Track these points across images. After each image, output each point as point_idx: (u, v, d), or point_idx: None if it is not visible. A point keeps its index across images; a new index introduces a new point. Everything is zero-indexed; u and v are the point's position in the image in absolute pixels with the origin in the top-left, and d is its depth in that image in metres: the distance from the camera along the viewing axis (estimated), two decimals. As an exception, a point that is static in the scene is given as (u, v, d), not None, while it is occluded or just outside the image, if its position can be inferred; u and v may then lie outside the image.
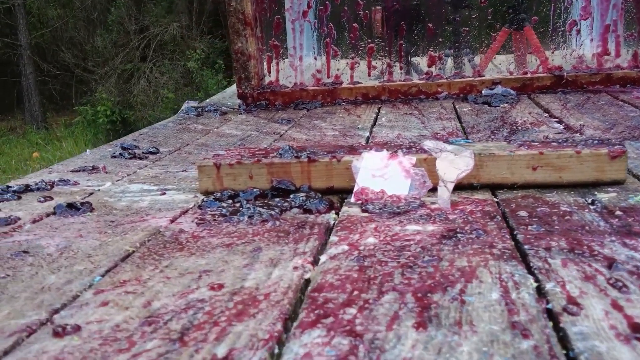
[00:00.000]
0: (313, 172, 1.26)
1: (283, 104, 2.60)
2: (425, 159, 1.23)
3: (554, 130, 1.80)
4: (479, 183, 1.23)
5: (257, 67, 2.59)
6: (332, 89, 2.58)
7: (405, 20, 2.58)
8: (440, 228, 1.01)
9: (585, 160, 1.20)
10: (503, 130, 1.87)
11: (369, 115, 2.29)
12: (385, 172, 1.21)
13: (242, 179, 1.28)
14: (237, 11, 2.52)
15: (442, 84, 2.52)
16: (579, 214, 1.04)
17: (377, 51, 2.63)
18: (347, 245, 0.95)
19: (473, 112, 2.21)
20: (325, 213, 1.14)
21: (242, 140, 1.95)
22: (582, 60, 2.49)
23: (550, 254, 0.87)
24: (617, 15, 2.46)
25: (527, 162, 1.21)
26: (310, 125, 2.15)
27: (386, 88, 2.55)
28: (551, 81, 2.45)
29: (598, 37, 2.49)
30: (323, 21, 2.61)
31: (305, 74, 2.68)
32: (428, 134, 1.89)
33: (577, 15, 2.47)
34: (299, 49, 2.65)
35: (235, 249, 0.97)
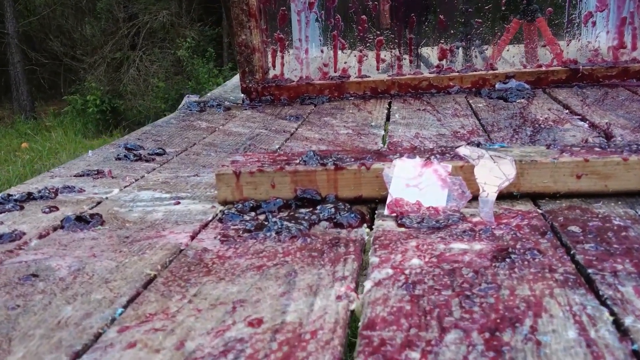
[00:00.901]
0: (340, 180, 1.18)
1: (289, 98, 2.50)
2: (462, 167, 1.14)
3: (580, 129, 1.72)
4: (519, 192, 1.15)
5: (262, 60, 2.48)
6: (340, 83, 2.48)
7: (415, 11, 2.49)
8: (488, 247, 0.93)
9: (633, 168, 1.12)
10: (525, 128, 1.79)
11: (380, 112, 2.21)
12: (419, 181, 1.12)
13: (263, 188, 1.19)
14: (241, 2, 2.41)
15: (453, 78, 2.44)
16: (636, 229, 0.96)
17: (386, 43, 2.53)
18: (390, 269, 0.87)
19: (489, 108, 2.13)
20: (357, 227, 1.05)
21: (252, 140, 1.86)
22: (597, 53, 2.41)
23: (619, 279, 0.79)
24: (634, 6, 2.38)
25: (571, 169, 1.13)
26: (321, 123, 2.06)
27: (396, 82, 2.46)
28: (566, 75, 2.37)
29: (614, 29, 2.41)
30: (330, 13, 2.51)
31: (312, 67, 2.58)
32: (447, 132, 1.81)
33: (593, 6, 2.39)
34: (304, 41, 2.55)
35: (268, 272, 0.88)
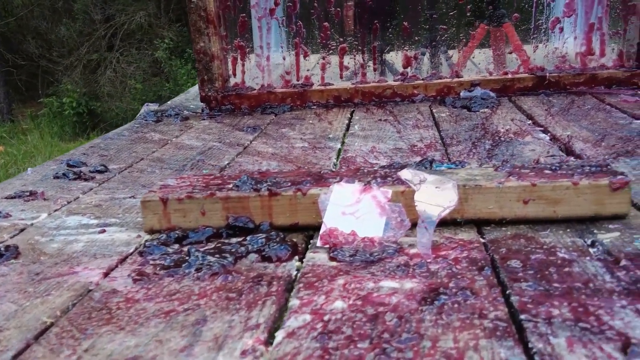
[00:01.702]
0: (275, 207, 1.10)
1: (249, 107, 2.42)
2: (403, 192, 1.07)
3: (541, 142, 1.66)
4: (463, 218, 1.08)
5: (221, 68, 2.40)
6: (302, 92, 2.41)
7: (378, 18, 2.42)
8: (420, 285, 0.86)
9: (584, 193, 1.05)
10: (485, 141, 1.72)
11: (341, 122, 2.13)
12: (357, 208, 1.05)
13: (193, 216, 1.11)
14: (198, 8, 2.33)
15: (418, 86, 2.37)
16: (580, 264, 0.89)
17: (350, 51, 2.46)
18: (309, 314, 0.79)
19: (452, 119, 2.06)
20: (287, 260, 0.98)
21: (202, 155, 1.78)
22: (565, 59, 2.36)
23: (553, 328, 0.72)
24: (602, 12, 2.33)
25: (517, 194, 1.06)
26: (278, 135, 1.98)
27: (359, 90, 2.39)
28: (533, 82, 2.31)
29: (582, 35, 2.35)
30: (292, 19, 2.43)
31: (274, 74, 2.50)
32: (404, 146, 1.74)
33: (561, 12, 2.33)
34: (266, 48, 2.46)
35: (175, 320, 0.80)
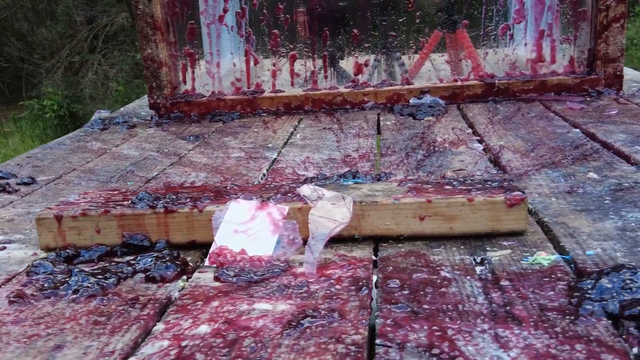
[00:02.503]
0: (171, 224, 1.08)
1: (199, 114, 2.40)
2: (300, 209, 1.06)
3: (473, 152, 1.65)
4: (361, 235, 1.07)
5: (170, 75, 2.38)
6: (252, 99, 2.39)
7: (328, 25, 2.40)
8: (292, 308, 0.84)
9: (479, 209, 1.04)
10: (419, 151, 1.71)
11: (286, 130, 2.12)
12: (250, 226, 1.04)
13: (88, 234, 1.09)
14: (145, 14, 2.31)
15: (368, 93, 2.36)
16: (459, 284, 0.88)
17: (301, 57, 2.44)
18: (168, 340, 0.78)
19: (395, 127, 2.05)
20: (172, 281, 0.96)
21: (135, 165, 1.76)
22: (515, 66, 2.35)
23: (403, 354, 0.71)
24: (552, 18, 2.32)
25: (413, 211, 1.05)
26: (218, 144, 1.97)
27: (309, 97, 2.37)
28: (482, 89, 2.31)
29: (532, 42, 2.34)
30: (242, 26, 2.41)
31: (225, 81, 2.48)
32: (338, 156, 1.72)
33: (511, 18, 2.32)
34: (215, 55, 2.45)
35: (34, 344, 0.79)
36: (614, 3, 2.19)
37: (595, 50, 2.24)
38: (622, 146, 1.55)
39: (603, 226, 1.05)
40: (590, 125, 1.81)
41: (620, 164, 1.42)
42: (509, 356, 0.70)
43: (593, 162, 1.46)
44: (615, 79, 2.26)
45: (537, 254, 0.96)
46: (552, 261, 0.93)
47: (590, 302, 0.79)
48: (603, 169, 1.39)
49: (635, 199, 1.18)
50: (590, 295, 0.80)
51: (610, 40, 2.22)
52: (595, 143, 1.63)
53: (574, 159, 1.49)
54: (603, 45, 2.23)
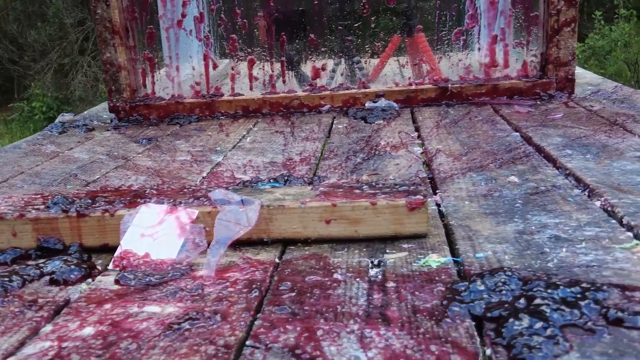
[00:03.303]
0: (84, 228, 1.11)
1: (158, 117, 2.43)
2: (210, 212, 1.09)
3: (410, 156, 1.68)
4: (270, 238, 1.10)
5: (129, 78, 2.41)
6: (210, 102, 2.42)
7: (285, 29, 2.43)
8: (180, 310, 0.87)
9: (382, 213, 1.07)
10: (359, 155, 1.74)
11: (239, 133, 2.14)
12: (157, 230, 1.06)
13: (4, 237, 1.12)
14: (103, 19, 2.34)
15: (325, 97, 2.38)
16: (347, 286, 0.91)
17: (259, 61, 2.47)
18: (52, 341, 0.80)
19: (346, 130, 2.08)
20: (75, 284, 0.99)
21: (80, 169, 1.78)
22: (469, 70, 2.38)
23: (267, 355, 0.73)
24: (505, 23, 2.35)
25: (319, 214, 1.08)
26: (168, 147, 1.99)
27: (267, 101, 2.40)
28: (436, 93, 2.33)
29: (486, 46, 2.37)
30: (200, 30, 2.44)
31: (185, 85, 2.51)
32: (280, 160, 1.75)
33: (464, 23, 2.35)
34: (175, 58, 2.47)
35: None
36: (564, 7, 2.22)
37: (547, 54, 2.27)
38: (553, 150, 1.58)
39: (503, 229, 1.08)
40: (530, 129, 1.84)
41: (545, 168, 1.45)
42: (366, 356, 0.72)
43: (520, 165, 1.49)
44: (567, 83, 2.29)
45: (428, 257, 0.99)
46: (442, 264, 0.96)
47: (458, 303, 0.81)
48: (526, 173, 1.42)
49: (546, 202, 1.21)
50: (461, 297, 0.83)
51: (561, 44, 2.25)
52: (529, 147, 1.66)
53: (502, 163, 1.52)
54: (554, 49, 2.26)
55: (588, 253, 0.95)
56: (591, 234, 1.02)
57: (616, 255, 0.93)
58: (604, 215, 1.11)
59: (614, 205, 1.13)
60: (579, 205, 1.18)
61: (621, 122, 1.85)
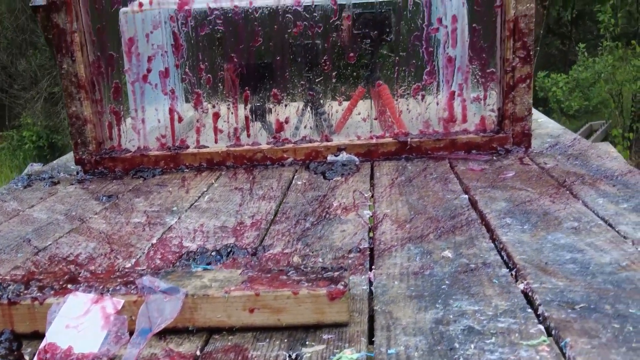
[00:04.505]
0: (15, 315, 1.13)
1: (124, 170, 2.46)
2: (135, 302, 1.11)
3: (358, 222, 1.71)
4: (195, 327, 1.12)
5: (95, 131, 2.44)
6: (175, 155, 2.45)
7: (251, 83, 2.48)
8: (89, 413, 0.89)
9: (304, 302, 1.10)
10: (310, 218, 1.77)
11: (199, 190, 2.17)
12: (82, 321, 1.08)
13: None
14: (69, 74, 2.38)
15: (287, 150, 2.42)
16: (257, 386, 0.93)
17: (224, 114, 2.51)
18: None
19: (303, 187, 2.11)
20: (-4, 378, 1.01)
21: (36, 232, 1.81)
22: (428, 124, 2.42)
23: None
24: (462, 79, 2.40)
25: (243, 304, 1.10)
26: (126, 206, 2.02)
27: (231, 154, 2.44)
28: (396, 147, 2.38)
29: (444, 101, 2.42)
30: (166, 84, 2.48)
31: (151, 137, 2.54)
32: (232, 224, 1.78)
33: (422, 79, 2.40)
34: (140, 111, 2.51)
35: None
36: (519, 64, 2.27)
37: (504, 110, 2.32)
38: (494, 218, 1.61)
39: (423, 317, 1.11)
40: (479, 191, 1.87)
41: (482, 240, 1.48)
42: None
43: (459, 236, 1.52)
44: (523, 137, 2.33)
45: (343, 352, 1.01)
46: (353, 360, 0.98)
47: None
48: (462, 246, 1.45)
49: (471, 284, 1.23)
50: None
51: (517, 100, 2.30)
52: (473, 213, 1.69)
53: (442, 233, 1.55)
54: (511, 104, 2.31)
55: (494, 350, 0.97)
56: (504, 326, 1.05)
57: (520, 355, 0.95)
58: (523, 302, 1.14)
59: (534, 290, 1.16)
60: (502, 288, 1.20)
61: (569, 184, 1.89)
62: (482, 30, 2.32)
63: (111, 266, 1.50)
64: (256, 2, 2.37)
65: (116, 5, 2.42)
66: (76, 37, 2.35)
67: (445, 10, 2.36)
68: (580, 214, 1.61)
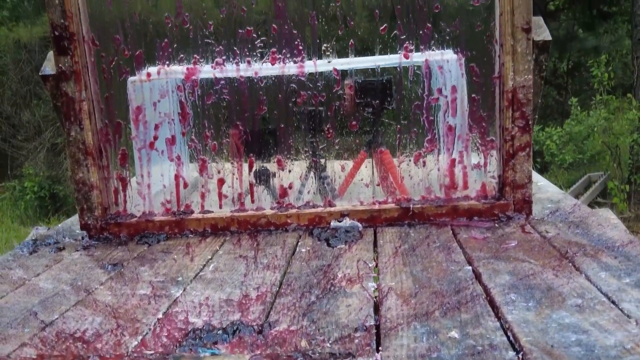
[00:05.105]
0: (23, 403, 1.13)
1: (128, 235, 2.48)
2: (145, 389, 1.11)
3: (363, 295, 1.72)
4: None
5: (101, 197, 2.47)
6: (180, 220, 2.48)
7: (256, 148, 2.53)
8: None
9: (312, 392, 1.10)
10: (315, 291, 1.78)
11: (203, 257, 2.19)
12: (91, 410, 1.09)
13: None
14: (77, 141, 2.42)
15: (291, 215, 2.45)
16: None
17: (228, 179, 2.55)
18: None
19: (308, 256, 2.13)
20: None
21: (42, 304, 1.81)
22: (430, 190, 2.46)
23: None
24: (463, 146, 2.45)
25: (251, 393, 1.11)
26: (131, 276, 2.03)
27: (235, 219, 2.46)
28: (399, 213, 2.40)
29: (445, 168, 2.46)
30: (172, 151, 2.53)
31: (156, 202, 2.57)
32: (237, 297, 1.79)
33: (423, 147, 2.45)
34: (146, 176, 2.55)
35: None
36: (518, 133, 2.32)
37: (504, 177, 2.36)
38: (499, 294, 1.62)
39: (431, 407, 1.11)
40: (483, 262, 1.89)
41: (487, 318, 1.49)
42: None
43: (464, 314, 1.53)
44: (524, 204, 2.36)
45: None
46: None
47: None
48: (468, 325, 1.46)
49: (479, 367, 1.24)
50: None
51: (517, 167, 2.34)
52: (478, 287, 1.71)
53: (447, 309, 1.56)
54: (511, 172, 2.35)
55: None
56: (512, 417, 1.05)
57: None
58: (530, 390, 1.14)
59: (540, 377, 1.17)
60: (509, 373, 1.21)
61: (571, 255, 1.91)
62: (481, 100, 2.39)
63: (118, 344, 1.51)
64: (261, 72, 2.44)
65: (124, 75, 2.49)
66: (84, 106, 2.41)
67: (445, 81, 2.43)
68: (583, 290, 1.62)
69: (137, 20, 2.43)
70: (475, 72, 2.37)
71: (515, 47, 2.25)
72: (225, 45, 2.42)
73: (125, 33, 2.43)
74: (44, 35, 11.89)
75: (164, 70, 2.48)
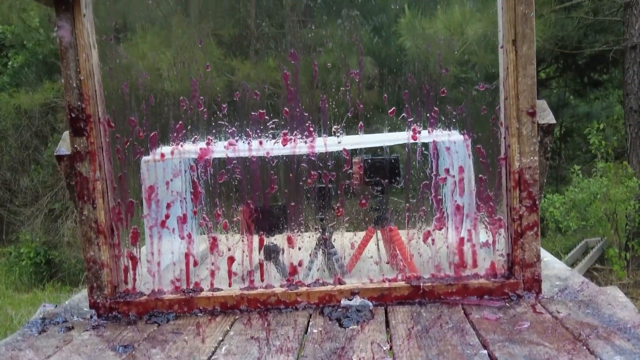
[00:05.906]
0: None
1: (137, 314, 2.46)
2: None
3: (380, 381, 1.71)
4: None
5: (111, 275, 2.48)
6: (189, 298, 2.47)
7: (266, 226, 2.55)
8: None
9: None
10: (331, 377, 1.77)
11: (214, 339, 2.18)
12: None
13: None
14: (89, 220, 2.45)
15: (301, 293, 2.45)
16: None
17: (238, 257, 2.56)
18: None
19: (320, 337, 2.12)
20: None
21: (54, 391, 1.79)
22: (439, 268, 2.47)
23: None
24: (471, 225, 2.48)
25: None
26: (142, 359, 2.01)
27: (245, 297, 2.46)
28: (409, 291, 2.41)
29: (454, 246, 2.49)
30: (183, 229, 2.55)
31: (165, 279, 2.57)
32: (252, 382, 1.77)
33: (432, 225, 2.48)
34: (157, 254, 2.56)
35: None
36: (526, 213, 2.36)
37: (513, 256, 2.39)
38: (517, 381, 1.62)
39: None
40: (498, 346, 1.89)
41: (508, 408, 1.48)
42: None
43: (484, 403, 1.52)
44: (533, 283, 2.38)
45: None
46: None
47: None
48: (489, 416, 1.45)
49: None
50: None
51: (525, 246, 2.37)
52: (495, 373, 1.70)
53: (467, 399, 1.55)
54: (519, 251, 2.38)
55: None
56: None
57: None
58: None
59: None
60: None
61: (584, 338, 1.91)
62: (488, 180, 2.44)
63: None
64: (273, 152, 2.50)
65: (138, 155, 2.54)
66: (98, 185, 2.44)
67: (452, 162, 2.49)
68: (601, 377, 1.62)
69: (153, 103, 2.50)
70: (481, 153, 2.43)
71: (520, 130, 2.32)
72: (237, 126, 2.49)
73: (141, 115, 2.50)
74: (45, 101, 12.09)
75: (178, 150, 2.54)
